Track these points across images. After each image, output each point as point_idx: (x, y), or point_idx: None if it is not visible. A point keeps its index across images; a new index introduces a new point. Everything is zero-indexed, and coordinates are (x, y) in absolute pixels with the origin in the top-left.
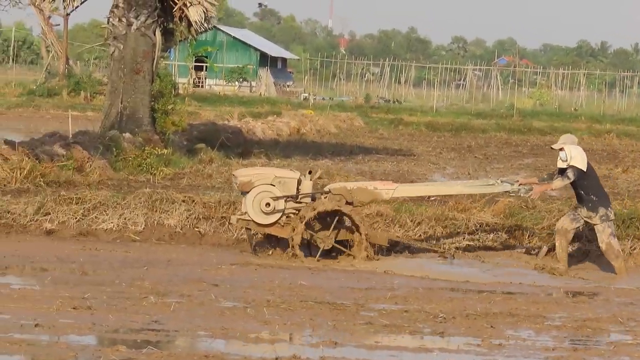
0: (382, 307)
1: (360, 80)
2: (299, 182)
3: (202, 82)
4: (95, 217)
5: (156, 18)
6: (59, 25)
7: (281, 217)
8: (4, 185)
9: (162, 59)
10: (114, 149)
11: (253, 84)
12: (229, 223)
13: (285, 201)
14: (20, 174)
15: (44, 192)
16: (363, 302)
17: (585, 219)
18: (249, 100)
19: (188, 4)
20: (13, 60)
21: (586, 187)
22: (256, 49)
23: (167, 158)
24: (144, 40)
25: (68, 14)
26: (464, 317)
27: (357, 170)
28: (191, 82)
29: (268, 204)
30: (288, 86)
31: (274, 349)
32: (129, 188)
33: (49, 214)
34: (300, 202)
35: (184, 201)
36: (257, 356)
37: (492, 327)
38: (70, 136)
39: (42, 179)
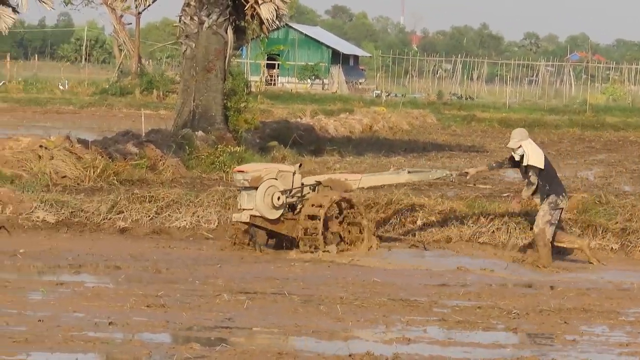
0: (456, 304)
1: (433, 77)
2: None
3: (275, 80)
4: (169, 215)
5: (228, 16)
6: (131, 24)
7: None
8: (78, 184)
9: (234, 57)
10: (187, 147)
11: (325, 81)
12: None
13: (287, 195)
14: (93, 173)
15: (117, 190)
16: (436, 298)
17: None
18: (321, 98)
19: (260, 2)
20: (86, 59)
21: (541, 177)
22: (328, 47)
23: (240, 156)
24: (216, 38)
25: (140, 13)
26: (537, 313)
27: (429, 167)
28: (263, 80)
29: (279, 198)
30: (360, 83)
31: (347, 346)
32: (201, 186)
33: (123, 212)
34: (293, 197)
35: None
36: (331, 353)
37: (565, 322)
38: (143, 135)
39: (115, 178)
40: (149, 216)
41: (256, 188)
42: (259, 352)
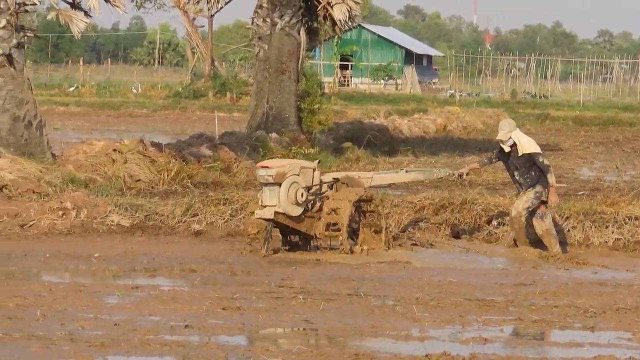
0: (532, 303)
1: (506, 75)
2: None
3: (348, 81)
4: (243, 217)
5: (300, 17)
6: (203, 26)
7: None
8: (152, 187)
9: (307, 59)
10: (261, 149)
11: (398, 81)
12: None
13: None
14: (167, 176)
15: (191, 193)
16: (512, 298)
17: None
18: (394, 98)
19: (332, 3)
20: (159, 62)
21: (535, 166)
22: (401, 47)
23: (314, 157)
24: (289, 40)
25: (212, 15)
26: (614, 312)
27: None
28: (337, 81)
29: (302, 195)
30: (433, 83)
31: (424, 346)
32: None
33: (197, 215)
34: (312, 194)
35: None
36: (407, 354)
37: None
38: (217, 137)
39: (189, 181)
40: (224, 219)
41: (279, 184)
42: (335, 353)
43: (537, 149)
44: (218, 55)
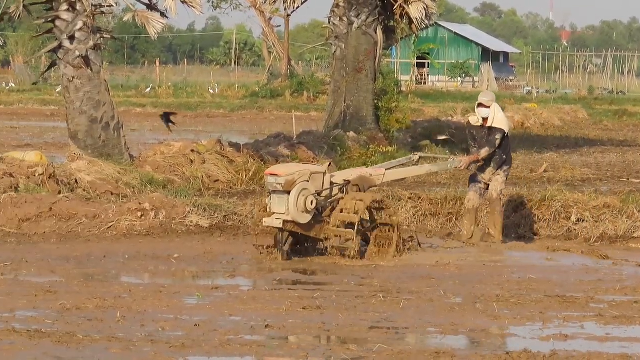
0: (612, 299)
1: (583, 72)
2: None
3: (425, 79)
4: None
5: (377, 16)
6: (280, 26)
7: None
8: (230, 188)
9: (383, 57)
10: (339, 148)
11: (475, 79)
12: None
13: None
14: (246, 176)
15: None
16: (592, 294)
17: (486, 181)
18: (472, 96)
19: (409, 1)
20: (235, 62)
21: (503, 146)
22: (478, 44)
23: (392, 155)
24: (366, 38)
25: (289, 15)
26: None
27: (582, 162)
28: (414, 79)
29: (312, 202)
30: (510, 80)
31: (505, 343)
32: None
33: None
34: (322, 198)
35: (410, 198)
36: (488, 352)
37: None
38: (295, 137)
39: None
40: None
41: (288, 192)
42: (416, 351)
43: (503, 126)
44: (295, 55)
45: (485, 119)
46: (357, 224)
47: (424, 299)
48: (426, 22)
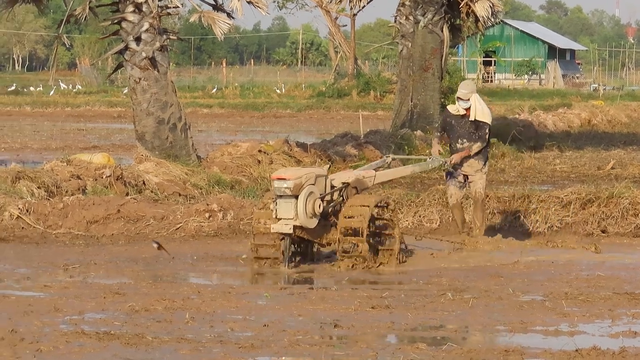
0: None
1: None
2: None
3: (491, 77)
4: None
5: (443, 15)
6: (346, 25)
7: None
8: None
9: (450, 55)
10: (406, 147)
11: (542, 76)
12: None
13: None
14: None
15: None
16: None
17: (464, 172)
18: (538, 94)
19: (474, 0)
20: (301, 62)
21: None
22: (544, 42)
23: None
24: (432, 37)
25: (355, 15)
26: None
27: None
28: (480, 77)
29: (320, 206)
30: (577, 77)
31: (574, 341)
32: (422, 185)
33: None
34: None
35: None
36: (557, 349)
37: None
38: (362, 136)
39: None
40: None
41: (296, 196)
42: (485, 350)
43: (488, 120)
44: (361, 54)
45: (467, 109)
46: (364, 229)
47: (492, 297)
48: (492, 20)
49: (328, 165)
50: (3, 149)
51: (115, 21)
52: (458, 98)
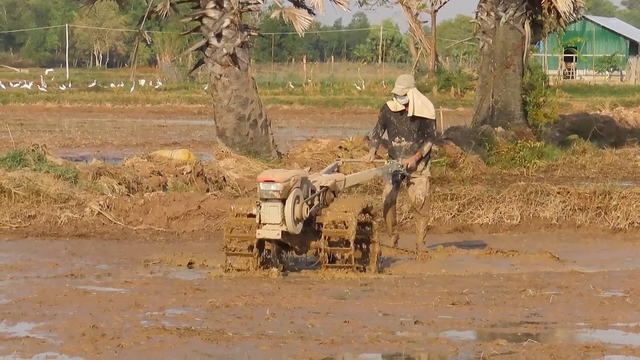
0: None
1: None
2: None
3: (572, 73)
4: (470, 212)
5: (525, 10)
6: (426, 22)
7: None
8: (379, 184)
9: (531, 52)
10: (486, 144)
11: (623, 72)
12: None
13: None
14: None
15: None
16: None
17: (404, 171)
18: (619, 90)
19: None
20: (382, 59)
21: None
22: (625, 38)
23: (540, 150)
24: (513, 33)
25: (435, 11)
26: None
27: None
28: (561, 73)
29: (307, 210)
30: None
31: None
32: (502, 182)
33: None
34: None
35: (558, 193)
36: (638, 345)
37: None
38: (442, 132)
39: None
40: (451, 214)
41: (283, 200)
42: (566, 346)
43: (432, 115)
44: (441, 51)
45: (406, 105)
46: (352, 237)
47: (573, 294)
48: (574, 15)
49: (309, 168)
50: (84, 145)
51: (196, 17)
52: (394, 94)
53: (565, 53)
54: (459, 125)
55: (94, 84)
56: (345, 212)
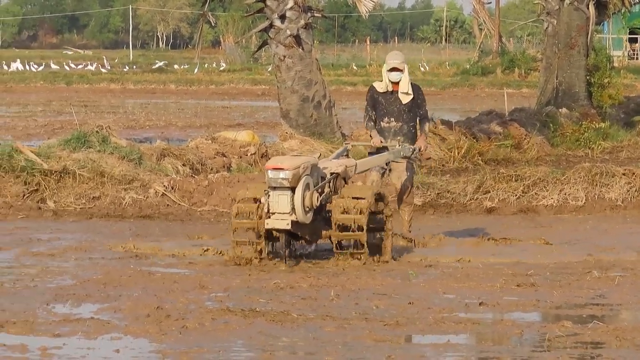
0: None
1: None
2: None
3: (637, 54)
4: (535, 193)
5: None
6: (490, 3)
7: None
8: (443, 165)
9: (595, 33)
10: (551, 125)
11: None
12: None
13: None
14: (457, 154)
15: (482, 170)
16: None
17: (417, 154)
18: None
19: None
20: (445, 40)
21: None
22: None
23: (605, 132)
24: (578, 14)
25: None
26: None
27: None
28: (626, 54)
29: (317, 198)
30: None
31: None
32: (567, 163)
33: (489, 192)
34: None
35: (624, 174)
36: None
37: None
38: (507, 114)
39: (480, 158)
40: (516, 195)
41: (293, 188)
42: (631, 328)
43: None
44: (505, 32)
45: (396, 84)
46: (365, 226)
47: (639, 276)
48: None
49: (319, 154)
50: (148, 126)
51: None
52: (394, 69)
53: (630, 34)
54: (523, 106)
55: (158, 65)
56: (359, 198)
